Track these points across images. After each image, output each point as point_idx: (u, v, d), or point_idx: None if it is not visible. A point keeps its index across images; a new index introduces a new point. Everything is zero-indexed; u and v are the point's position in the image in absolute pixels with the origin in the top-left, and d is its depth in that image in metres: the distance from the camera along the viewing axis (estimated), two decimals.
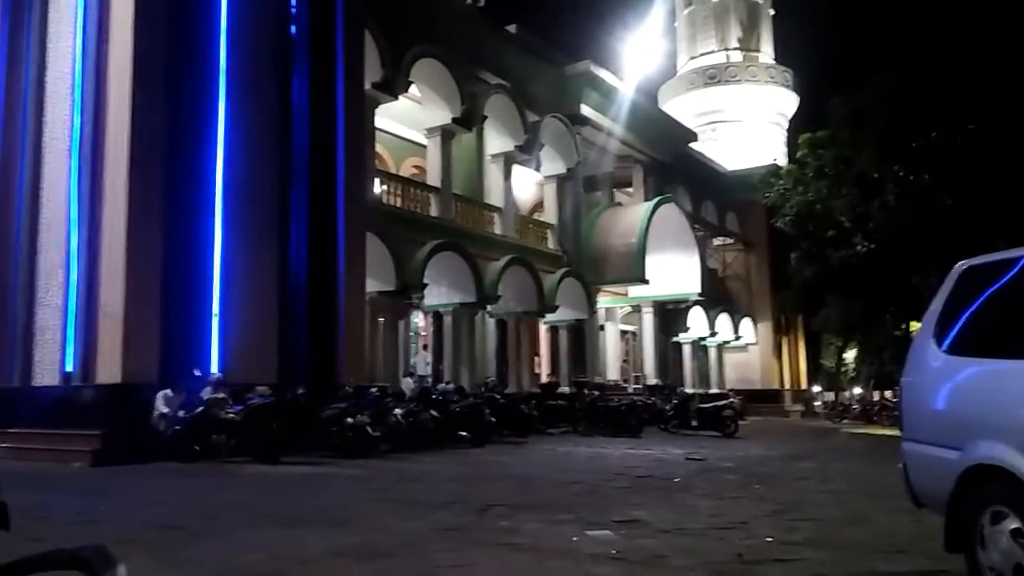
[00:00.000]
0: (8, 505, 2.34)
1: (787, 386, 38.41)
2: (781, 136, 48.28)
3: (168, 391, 11.91)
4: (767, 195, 28.93)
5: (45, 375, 13.14)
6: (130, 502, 7.82)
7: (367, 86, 17.59)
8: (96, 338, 12.43)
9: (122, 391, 11.98)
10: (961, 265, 4.26)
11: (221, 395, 11.95)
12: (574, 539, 5.52)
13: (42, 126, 13.81)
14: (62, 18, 13.86)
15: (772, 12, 50.36)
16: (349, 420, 12.31)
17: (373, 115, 18.83)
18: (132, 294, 12.17)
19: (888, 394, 37.81)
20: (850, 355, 44.15)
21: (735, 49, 48.51)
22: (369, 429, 12.38)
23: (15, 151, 13.97)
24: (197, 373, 12.48)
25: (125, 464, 10.76)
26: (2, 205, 13.95)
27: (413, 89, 20.27)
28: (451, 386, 17.23)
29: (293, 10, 15.10)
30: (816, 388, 41.63)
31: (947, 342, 4.06)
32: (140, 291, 12.27)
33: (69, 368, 12.71)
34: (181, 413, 11.76)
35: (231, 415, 11.70)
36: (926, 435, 4.10)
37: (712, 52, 48.66)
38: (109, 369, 12.18)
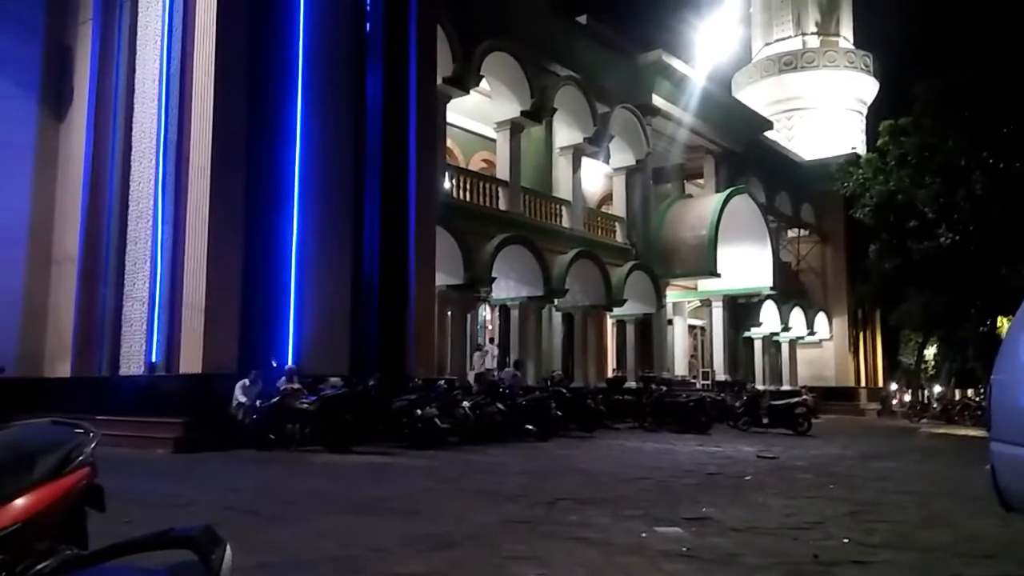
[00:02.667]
0: (103, 489, 2.47)
1: (863, 383, 37.19)
2: (860, 124, 46.62)
3: (246, 381, 12.31)
4: (845, 185, 28.06)
5: (131, 365, 13.75)
6: (211, 488, 8.13)
7: (439, 81, 17.77)
8: (179, 330, 12.95)
9: (203, 381, 12.45)
10: None
11: (296, 386, 12.29)
12: (643, 535, 5.49)
13: (131, 125, 14.45)
14: (149, 22, 14.46)
15: None
16: (418, 412, 12.50)
17: (445, 110, 18.98)
18: (213, 288, 12.64)
19: (970, 393, 36.24)
20: (930, 352, 42.48)
21: (812, 34, 46.99)
22: (438, 421, 12.56)
23: (106, 149, 14.68)
24: (274, 364, 12.88)
25: (205, 451, 11.19)
26: (94, 201, 14.66)
27: (483, 83, 20.36)
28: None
29: (368, 8, 15.36)
30: (893, 386, 40.14)
31: None
32: (221, 285, 12.74)
33: (154, 358, 13.28)
34: (258, 403, 12.13)
35: (305, 405, 12.01)
36: (1017, 435, 3.94)
37: (788, 37, 47.29)
38: (191, 360, 12.68)
